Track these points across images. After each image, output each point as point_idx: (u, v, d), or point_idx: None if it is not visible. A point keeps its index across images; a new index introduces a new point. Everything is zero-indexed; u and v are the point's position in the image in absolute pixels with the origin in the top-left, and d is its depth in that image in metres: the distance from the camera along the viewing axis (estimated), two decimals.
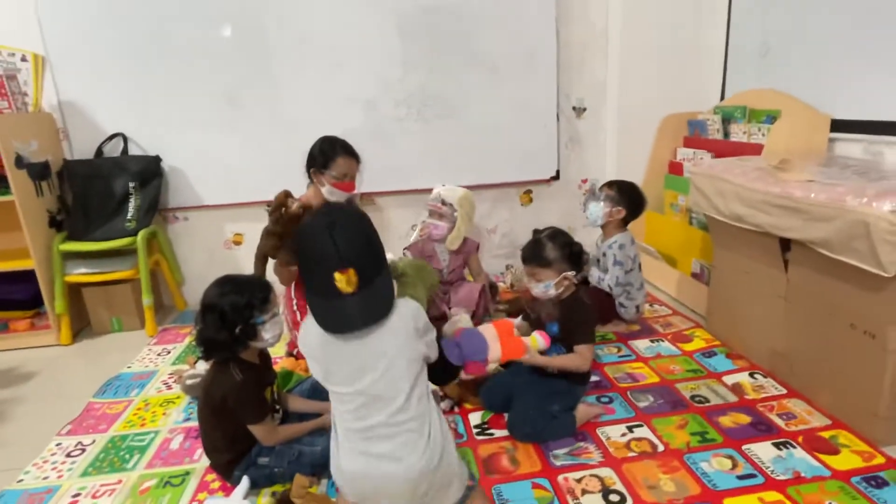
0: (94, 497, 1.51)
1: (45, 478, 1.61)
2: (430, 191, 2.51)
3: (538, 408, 1.63)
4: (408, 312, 1.22)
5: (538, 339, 1.62)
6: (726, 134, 2.66)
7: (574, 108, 3.07)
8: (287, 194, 2.00)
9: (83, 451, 1.72)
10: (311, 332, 1.21)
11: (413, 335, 1.21)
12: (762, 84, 2.56)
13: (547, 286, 1.65)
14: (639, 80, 2.96)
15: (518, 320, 1.94)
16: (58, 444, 1.77)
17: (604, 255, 2.26)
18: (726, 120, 2.66)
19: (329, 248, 1.13)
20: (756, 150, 2.34)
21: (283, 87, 2.76)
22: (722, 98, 2.87)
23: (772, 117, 2.40)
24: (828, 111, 2.20)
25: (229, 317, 1.38)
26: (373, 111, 2.84)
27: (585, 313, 1.71)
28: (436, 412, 1.25)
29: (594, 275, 2.29)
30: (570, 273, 1.66)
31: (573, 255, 1.67)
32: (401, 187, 2.95)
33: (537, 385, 1.69)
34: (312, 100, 2.78)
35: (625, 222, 2.27)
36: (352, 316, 1.16)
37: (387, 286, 1.21)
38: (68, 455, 1.71)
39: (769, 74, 2.56)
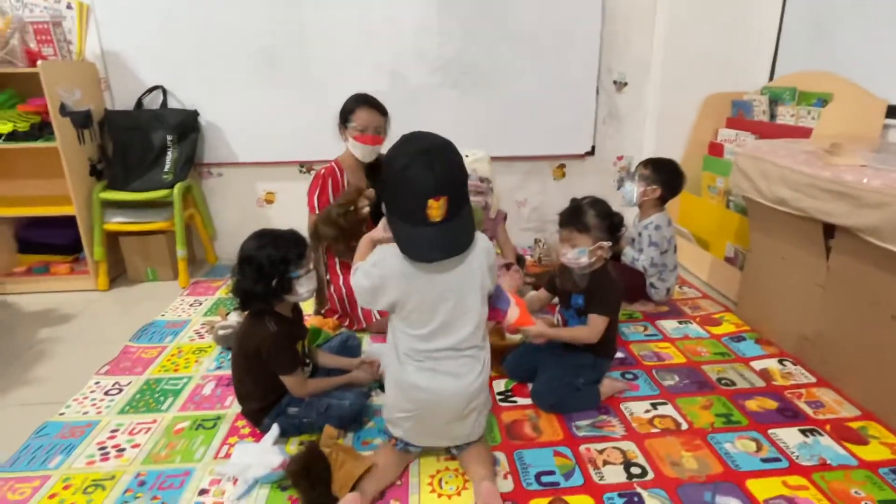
0: (130, 434, 1.58)
1: (85, 413, 1.68)
2: None
3: (563, 380, 1.64)
4: (483, 250, 1.28)
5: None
6: (773, 116, 2.57)
7: (615, 83, 2.99)
8: (360, 192, 2.00)
9: (120, 390, 1.79)
10: (389, 259, 1.25)
11: (487, 272, 1.29)
12: (815, 65, 2.45)
13: (581, 252, 1.62)
14: (684, 57, 2.86)
15: (540, 291, 1.93)
16: (96, 383, 1.84)
17: (639, 234, 2.23)
18: (774, 101, 2.57)
19: (427, 174, 1.15)
20: (803, 133, 2.27)
21: (317, 48, 2.74)
22: (771, 78, 2.77)
23: (823, 100, 2.31)
24: (885, 96, 2.11)
25: (266, 270, 1.41)
26: (407, 78, 2.81)
27: (611, 287, 1.68)
28: (488, 350, 1.35)
29: (628, 254, 2.26)
30: (606, 244, 1.63)
31: (613, 226, 1.64)
32: None
33: (562, 358, 1.70)
34: (346, 63, 2.75)
35: (662, 201, 2.22)
36: (438, 245, 1.19)
37: (470, 218, 1.25)
38: (106, 393, 1.78)
39: (823, 55, 2.45)
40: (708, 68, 2.86)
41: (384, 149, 2.15)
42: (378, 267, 1.26)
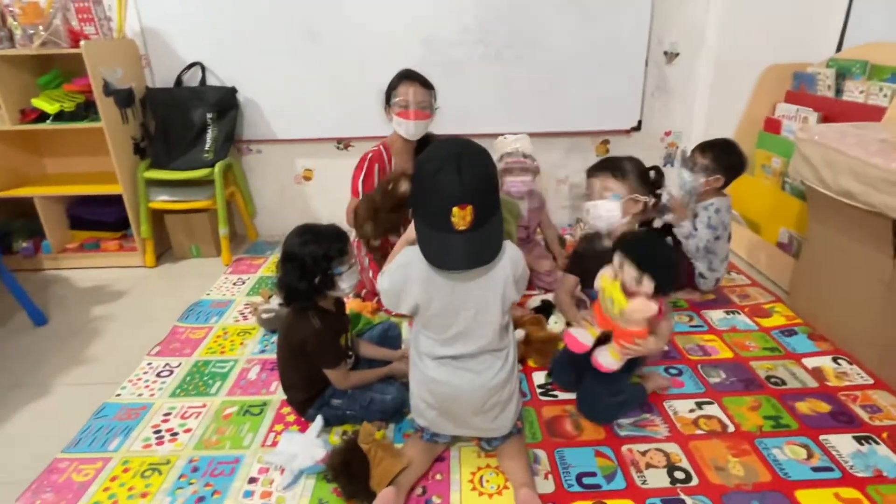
0: (183, 417, 1.64)
1: (140, 395, 1.75)
2: (498, 136, 2.41)
3: (605, 399, 1.54)
4: (509, 260, 1.25)
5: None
6: (839, 91, 2.39)
7: (665, 53, 2.82)
8: (405, 173, 1.96)
9: (171, 372, 1.86)
10: (416, 263, 1.23)
11: (511, 284, 1.26)
12: (892, 36, 2.25)
13: (615, 198, 1.45)
14: (743, 25, 2.67)
15: (577, 290, 1.85)
16: (149, 364, 1.91)
17: (697, 215, 2.12)
18: (841, 75, 2.38)
19: (454, 181, 1.12)
20: (874, 113, 2.10)
21: (355, 24, 2.65)
22: (838, 49, 2.57)
23: None
24: None
25: (309, 267, 1.41)
26: (447, 51, 2.70)
27: (669, 257, 1.43)
28: (513, 346, 1.34)
29: (685, 227, 2.11)
30: (644, 198, 1.48)
31: (649, 179, 1.49)
32: (471, 131, 2.83)
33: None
34: (385, 37, 2.67)
35: (723, 185, 2.10)
36: (460, 254, 1.17)
37: (497, 228, 1.21)
38: (158, 375, 1.85)
39: None
40: (768, 37, 2.67)
41: (436, 129, 2.10)
42: (403, 270, 1.25)
